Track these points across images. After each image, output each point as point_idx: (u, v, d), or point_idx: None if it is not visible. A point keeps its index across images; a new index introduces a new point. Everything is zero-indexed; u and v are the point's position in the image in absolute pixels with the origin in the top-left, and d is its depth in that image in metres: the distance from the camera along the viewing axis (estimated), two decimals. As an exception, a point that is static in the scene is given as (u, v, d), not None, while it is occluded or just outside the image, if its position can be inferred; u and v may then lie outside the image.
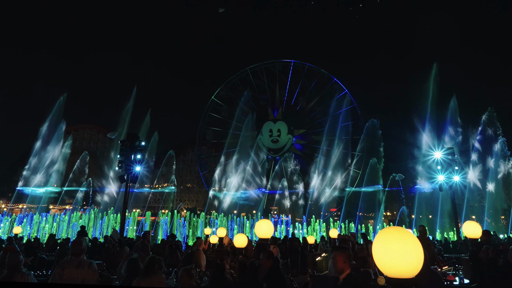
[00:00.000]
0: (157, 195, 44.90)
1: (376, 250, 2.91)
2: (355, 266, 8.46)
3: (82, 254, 5.49)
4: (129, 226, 31.62)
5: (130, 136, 23.10)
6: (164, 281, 5.63)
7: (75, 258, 5.36)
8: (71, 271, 5.16)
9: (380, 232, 3.05)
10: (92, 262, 5.47)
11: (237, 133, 51.17)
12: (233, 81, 51.78)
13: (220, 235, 13.31)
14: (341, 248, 7.93)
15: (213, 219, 34.55)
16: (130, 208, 38.58)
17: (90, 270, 5.30)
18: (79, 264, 5.27)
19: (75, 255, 5.40)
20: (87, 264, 5.37)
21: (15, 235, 15.85)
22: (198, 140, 51.20)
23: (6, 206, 39.71)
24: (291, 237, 17.53)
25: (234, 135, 51.48)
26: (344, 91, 48.79)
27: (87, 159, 40.11)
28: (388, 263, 2.79)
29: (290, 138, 49.41)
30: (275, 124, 49.77)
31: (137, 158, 22.42)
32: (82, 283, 5.11)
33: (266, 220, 7.82)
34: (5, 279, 5.23)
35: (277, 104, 50.89)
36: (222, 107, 51.58)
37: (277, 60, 51.35)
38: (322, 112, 50.49)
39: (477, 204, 34.58)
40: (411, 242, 2.82)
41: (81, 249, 5.49)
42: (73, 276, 5.11)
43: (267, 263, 6.35)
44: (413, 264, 2.75)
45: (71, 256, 5.41)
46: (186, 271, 5.69)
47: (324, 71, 49.67)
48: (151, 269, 5.40)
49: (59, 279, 5.08)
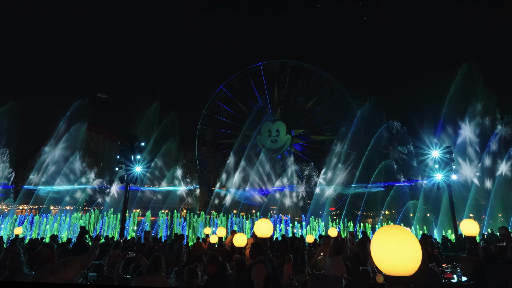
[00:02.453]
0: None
1: (374, 249, 2.96)
2: (353, 266, 8.55)
3: (52, 258, 5.17)
4: (129, 227, 31.67)
5: (130, 137, 23.12)
6: (165, 280, 5.70)
7: (48, 265, 5.06)
8: (48, 281, 4.82)
9: (379, 230, 3.10)
10: (64, 261, 5.20)
11: (237, 133, 51.25)
12: (232, 81, 51.85)
13: (220, 234, 13.40)
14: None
15: (212, 219, 34.64)
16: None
17: (67, 269, 5.07)
18: (53, 270, 4.96)
19: (46, 261, 5.10)
20: (61, 265, 5.08)
21: (16, 236, 15.86)
22: (198, 140, 51.27)
23: (8, 207, 39.66)
24: (292, 236, 17.66)
25: (234, 135, 51.58)
26: (341, 91, 49.02)
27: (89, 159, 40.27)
28: (387, 261, 2.83)
29: (288, 138, 49.55)
30: (274, 124, 49.91)
31: (137, 159, 22.47)
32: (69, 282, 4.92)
33: (265, 219, 7.85)
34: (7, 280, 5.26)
35: (275, 104, 51.00)
36: (221, 108, 51.65)
37: (276, 61, 51.44)
38: (321, 112, 50.68)
39: (474, 203, 34.69)
40: (409, 240, 2.87)
41: (51, 253, 5.18)
42: None
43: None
44: (411, 262, 2.79)
45: (44, 264, 5.10)
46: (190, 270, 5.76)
47: (322, 71, 49.83)
48: (156, 267, 5.46)
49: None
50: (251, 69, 51.46)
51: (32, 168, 41.05)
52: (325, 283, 7.24)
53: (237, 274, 7.42)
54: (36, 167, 39.21)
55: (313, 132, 50.51)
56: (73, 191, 39.24)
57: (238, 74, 51.73)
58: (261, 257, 5.92)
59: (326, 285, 7.16)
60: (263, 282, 5.56)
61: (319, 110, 50.62)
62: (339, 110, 48.99)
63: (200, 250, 13.08)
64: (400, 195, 39.30)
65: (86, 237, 14.46)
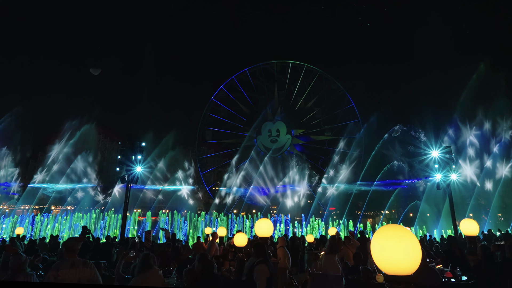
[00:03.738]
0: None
1: (374, 248, 2.98)
2: (353, 265, 8.58)
3: (76, 252, 5.36)
4: (130, 227, 31.75)
5: (130, 137, 23.17)
6: (159, 273, 5.77)
7: (69, 257, 5.25)
8: (65, 272, 5.03)
9: (378, 230, 3.13)
10: (86, 261, 5.37)
11: (237, 133, 51.32)
12: (232, 81, 51.91)
13: (221, 234, 13.44)
14: None
15: (213, 218, 34.71)
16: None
17: (85, 268, 5.21)
18: (73, 264, 5.15)
19: (69, 252, 5.29)
20: (81, 263, 5.25)
21: (17, 235, 15.92)
22: (198, 140, 51.35)
23: (9, 207, 39.75)
24: (293, 236, 17.73)
25: (234, 135, 51.66)
26: (341, 91, 49.10)
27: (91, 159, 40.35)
28: (387, 261, 2.86)
29: (289, 138, 49.68)
30: (274, 125, 50.02)
31: (138, 159, 22.53)
32: (78, 282, 5.03)
33: (265, 219, 7.88)
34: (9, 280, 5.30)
35: (275, 105, 51.09)
36: (221, 108, 51.72)
37: (276, 61, 51.51)
38: (321, 112, 50.76)
39: (474, 202, 34.72)
40: (409, 239, 2.89)
41: (75, 247, 5.35)
42: (68, 276, 5.01)
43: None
44: (411, 261, 2.81)
45: (65, 255, 5.31)
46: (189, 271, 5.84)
47: (322, 71, 49.88)
48: (146, 265, 5.56)
49: (53, 281, 4.99)
50: (251, 69, 51.54)
51: (35, 166, 41.28)
52: (325, 282, 7.28)
53: (237, 273, 7.47)
54: (40, 166, 39.53)
55: (313, 132, 50.61)
56: (75, 191, 39.34)
57: (238, 74, 51.78)
58: (263, 257, 5.95)
59: (326, 284, 7.20)
60: (265, 282, 5.59)
61: (319, 110, 50.72)
62: (339, 110, 49.13)
63: (200, 250, 13.11)
64: (403, 196, 39.38)
65: (89, 236, 14.51)
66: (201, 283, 5.56)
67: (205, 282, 5.56)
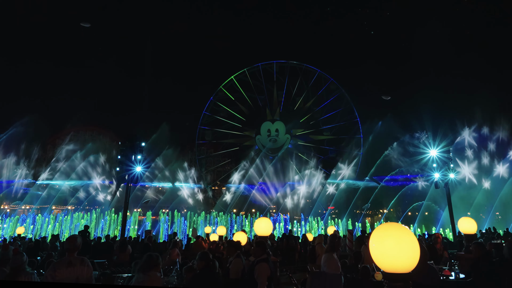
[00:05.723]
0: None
1: (373, 246, 3.01)
2: (352, 263, 8.63)
3: (75, 251, 5.33)
4: (130, 226, 31.75)
5: (131, 137, 23.19)
6: (158, 277, 5.80)
7: (68, 256, 5.22)
8: (63, 272, 4.99)
9: (377, 228, 3.16)
10: (83, 259, 5.32)
11: (236, 133, 51.33)
12: (231, 82, 51.90)
13: (221, 233, 13.50)
14: None
15: (213, 217, 34.75)
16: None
17: (82, 266, 5.17)
18: (71, 263, 5.11)
19: (68, 251, 5.28)
20: (78, 261, 5.20)
21: (18, 235, 15.94)
22: (197, 140, 51.34)
23: (10, 207, 39.76)
24: (288, 235, 17.77)
25: (233, 135, 51.66)
26: (340, 91, 49.20)
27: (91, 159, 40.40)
28: (385, 258, 2.88)
29: (288, 138, 49.79)
30: (273, 124, 50.13)
31: (138, 159, 22.54)
32: (76, 281, 5.00)
33: (265, 218, 8.03)
34: (10, 279, 5.32)
35: (274, 105, 51.16)
36: (221, 108, 51.72)
37: (275, 61, 51.52)
38: (319, 112, 50.83)
39: (472, 201, 34.81)
40: (407, 237, 2.92)
41: (75, 245, 5.33)
42: (65, 276, 4.97)
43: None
44: (409, 259, 2.83)
45: (66, 254, 5.30)
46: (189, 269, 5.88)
47: (321, 71, 49.96)
48: (148, 265, 5.55)
49: (52, 281, 4.95)
50: (250, 69, 51.56)
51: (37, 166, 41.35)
52: (324, 281, 7.32)
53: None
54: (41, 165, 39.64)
55: (312, 131, 50.70)
56: (75, 191, 39.35)
57: (237, 75, 51.79)
58: (264, 256, 5.98)
59: (325, 282, 7.24)
60: (266, 281, 5.62)
61: (318, 110, 50.80)
62: (337, 110, 49.21)
63: (200, 249, 13.14)
64: (406, 195, 39.41)
65: (91, 232, 14.53)
66: (201, 281, 5.59)
67: (205, 280, 5.59)
